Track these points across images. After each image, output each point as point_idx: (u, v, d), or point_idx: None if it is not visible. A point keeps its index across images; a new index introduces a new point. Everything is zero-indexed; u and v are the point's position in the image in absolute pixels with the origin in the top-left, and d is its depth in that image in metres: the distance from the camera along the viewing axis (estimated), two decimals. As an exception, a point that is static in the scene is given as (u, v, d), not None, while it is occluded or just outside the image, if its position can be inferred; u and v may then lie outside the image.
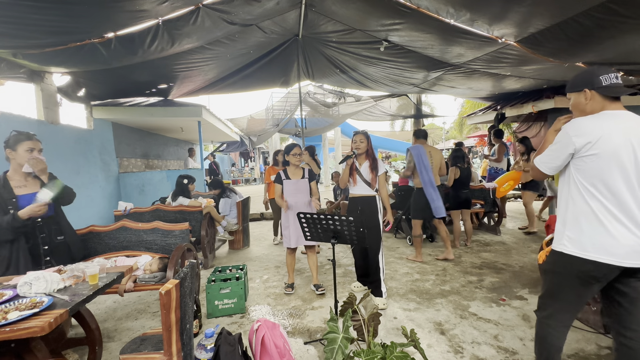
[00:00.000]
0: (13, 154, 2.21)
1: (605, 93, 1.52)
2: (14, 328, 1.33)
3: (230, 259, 4.73)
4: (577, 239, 1.53)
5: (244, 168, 21.80)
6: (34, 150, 2.24)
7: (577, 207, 1.55)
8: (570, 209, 1.58)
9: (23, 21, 2.71)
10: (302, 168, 3.39)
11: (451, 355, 2.23)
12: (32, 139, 2.25)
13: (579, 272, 1.53)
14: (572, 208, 1.56)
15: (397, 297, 3.18)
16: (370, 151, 3.13)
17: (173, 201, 4.49)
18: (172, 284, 1.49)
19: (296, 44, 4.97)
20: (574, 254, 1.53)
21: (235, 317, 2.88)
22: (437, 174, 4.10)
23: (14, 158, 2.21)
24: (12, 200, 2.16)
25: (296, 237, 3.25)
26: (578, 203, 1.54)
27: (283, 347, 1.95)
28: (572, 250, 1.54)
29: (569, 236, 1.56)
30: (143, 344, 1.74)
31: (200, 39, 3.84)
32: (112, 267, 2.26)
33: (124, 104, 6.08)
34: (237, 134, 10.86)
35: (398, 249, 4.81)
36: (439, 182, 4.07)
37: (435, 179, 4.03)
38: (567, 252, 1.55)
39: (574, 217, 1.55)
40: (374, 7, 3.39)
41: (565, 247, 1.56)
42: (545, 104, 5.66)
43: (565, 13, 2.75)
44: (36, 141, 2.27)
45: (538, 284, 3.32)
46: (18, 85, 4.28)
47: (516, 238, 5.17)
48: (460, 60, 4.38)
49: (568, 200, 1.59)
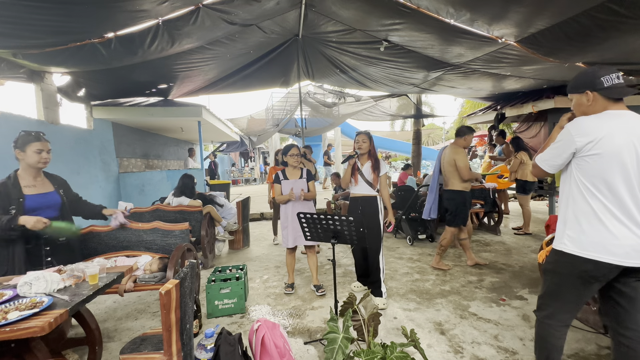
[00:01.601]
0: (22, 155, 2.20)
1: (607, 95, 1.52)
2: (14, 328, 1.33)
3: (230, 259, 4.73)
4: (578, 238, 1.53)
5: (244, 168, 21.78)
6: (42, 152, 2.24)
7: (577, 206, 1.55)
8: (570, 208, 1.58)
9: (23, 21, 2.70)
10: (300, 168, 3.39)
11: (451, 355, 2.23)
12: (40, 140, 2.24)
13: (579, 271, 1.53)
14: (573, 207, 1.57)
15: (397, 297, 3.18)
16: (373, 151, 3.14)
17: (176, 197, 4.47)
18: (172, 284, 1.49)
19: (296, 44, 4.97)
20: (575, 253, 1.53)
21: (235, 317, 2.88)
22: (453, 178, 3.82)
23: (23, 159, 2.21)
24: (19, 200, 2.15)
25: (294, 237, 3.25)
26: (579, 202, 1.54)
27: (283, 347, 1.95)
28: (573, 249, 1.54)
29: (570, 235, 1.56)
30: (143, 344, 1.74)
31: (200, 39, 3.84)
32: (112, 267, 2.26)
33: (124, 104, 6.08)
34: (237, 134, 10.86)
35: (398, 249, 4.80)
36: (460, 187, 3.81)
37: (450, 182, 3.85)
38: (567, 251, 1.56)
39: (574, 216, 1.56)
40: (374, 7, 3.38)
41: (566, 246, 1.56)
42: (545, 104, 5.66)
43: (565, 13, 2.75)
44: (45, 142, 2.26)
45: (538, 284, 3.31)
46: (18, 85, 4.28)
47: (516, 238, 5.17)
48: (460, 60, 4.38)
49: (569, 199, 1.59)
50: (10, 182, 2.18)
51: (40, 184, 2.30)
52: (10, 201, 2.12)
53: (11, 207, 2.11)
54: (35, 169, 2.27)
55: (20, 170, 2.25)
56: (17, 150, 2.20)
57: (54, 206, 2.34)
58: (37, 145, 2.21)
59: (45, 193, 2.31)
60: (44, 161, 2.25)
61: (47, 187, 2.34)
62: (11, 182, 2.18)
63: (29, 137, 2.21)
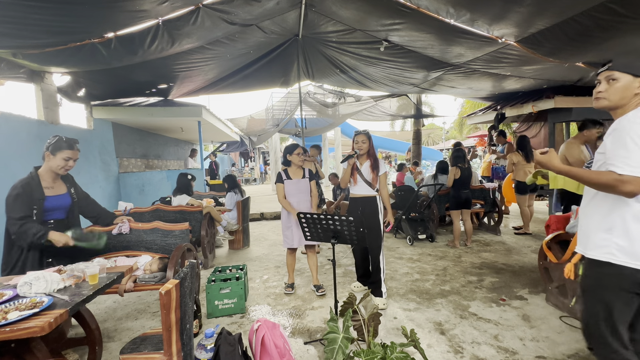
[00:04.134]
0: (50, 157, 2.26)
1: None
2: (14, 328, 1.33)
3: (230, 259, 4.73)
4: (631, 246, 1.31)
5: (244, 168, 21.80)
6: (70, 160, 2.30)
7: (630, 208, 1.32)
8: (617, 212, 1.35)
9: (23, 21, 2.71)
10: (302, 168, 3.39)
11: (451, 355, 2.23)
12: (73, 149, 2.32)
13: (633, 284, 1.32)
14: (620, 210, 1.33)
15: (397, 297, 3.18)
16: (372, 151, 3.14)
17: (175, 196, 4.62)
18: (172, 284, 1.49)
19: (296, 44, 4.97)
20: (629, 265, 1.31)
21: (235, 317, 2.88)
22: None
23: (49, 161, 2.27)
24: (40, 200, 2.20)
25: (299, 237, 3.24)
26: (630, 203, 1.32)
27: (283, 347, 1.95)
28: (626, 260, 1.31)
29: (619, 244, 1.33)
30: (143, 344, 1.74)
31: (200, 39, 3.84)
32: (112, 267, 2.26)
33: (124, 104, 6.08)
34: (237, 134, 10.86)
35: (398, 249, 4.81)
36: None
37: None
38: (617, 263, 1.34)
39: (622, 221, 1.33)
40: (374, 7, 3.39)
41: (615, 257, 1.34)
42: (545, 104, 5.66)
43: (566, 13, 2.75)
44: (76, 151, 2.34)
45: (538, 284, 3.32)
46: (18, 85, 4.28)
47: (516, 238, 5.17)
48: (460, 60, 4.38)
49: (615, 201, 1.35)
50: (34, 182, 2.22)
51: (57, 186, 2.36)
52: (33, 201, 2.17)
53: (34, 207, 2.17)
54: (55, 173, 2.32)
55: (42, 170, 2.30)
56: (48, 152, 2.25)
57: (64, 208, 2.39)
58: (67, 153, 2.28)
59: (60, 195, 2.37)
60: (67, 168, 2.33)
61: (61, 189, 2.39)
62: (35, 182, 2.23)
63: (63, 144, 2.27)
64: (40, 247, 2.18)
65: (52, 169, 2.28)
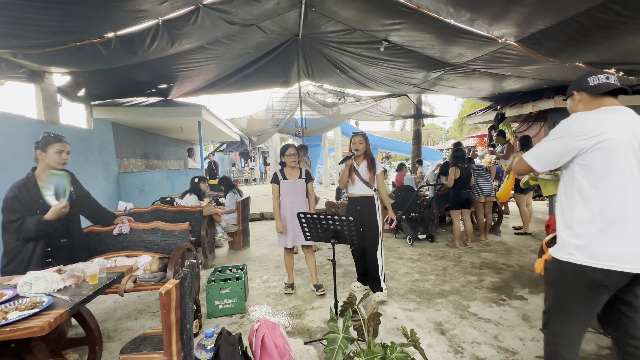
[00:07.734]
0: (43, 155, 2.28)
1: (594, 92, 1.51)
2: (14, 328, 1.33)
3: (230, 259, 4.73)
4: (587, 246, 1.39)
5: (244, 168, 21.79)
6: (62, 152, 2.32)
7: (583, 209, 1.42)
8: (576, 212, 1.44)
9: (23, 21, 2.70)
10: (299, 168, 3.40)
11: (451, 355, 2.23)
12: (61, 142, 2.34)
13: (589, 281, 1.40)
14: (578, 211, 1.43)
15: (397, 297, 3.18)
16: (368, 151, 3.19)
17: (182, 198, 4.79)
18: (172, 284, 1.49)
19: (296, 44, 4.97)
20: (584, 263, 1.39)
21: (235, 317, 2.88)
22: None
23: (43, 159, 2.29)
24: (40, 201, 2.22)
25: (293, 237, 3.26)
26: (584, 204, 1.41)
27: (283, 347, 1.95)
28: (582, 259, 1.40)
29: (577, 244, 1.42)
30: (143, 344, 1.74)
31: (200, 39, 3.84)
32: (112, 267, 2.26)
33: (124, 104, 6.08)
34: (237, 134, 10.85)
35: (398, 249, 4.81)
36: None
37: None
38: (575, 262, 1.42)
39: (579, 222, 1.42)
40: (374, 7, 3.39)
41: (574, 257, 1.42)
42: (545, 104, 5.66)
43: (565, 13, 2.75)
44: (65, 143, 2.37)
45: (538, 284, 3.32)
46: (18, 85, 4.28)
47: (516, 238, 5.17)
48: (460, 60, 4.38)
49: (573, 203, 1.46)
50: (30, 183, 2.23)
51: None
52: (33, 202, 2.19)
53: (36, 208, 2.19)
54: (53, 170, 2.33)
55: (39, 170, 2.31)
56: (39, 150, 2.27)
57: None
58: (58, 146, 2.30)
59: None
60: (63, 162, 2.34)
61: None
62: (31, 183, 2.24)
63: (51, 138, 2.30)
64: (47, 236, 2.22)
65: (49, 165, 2.29)
